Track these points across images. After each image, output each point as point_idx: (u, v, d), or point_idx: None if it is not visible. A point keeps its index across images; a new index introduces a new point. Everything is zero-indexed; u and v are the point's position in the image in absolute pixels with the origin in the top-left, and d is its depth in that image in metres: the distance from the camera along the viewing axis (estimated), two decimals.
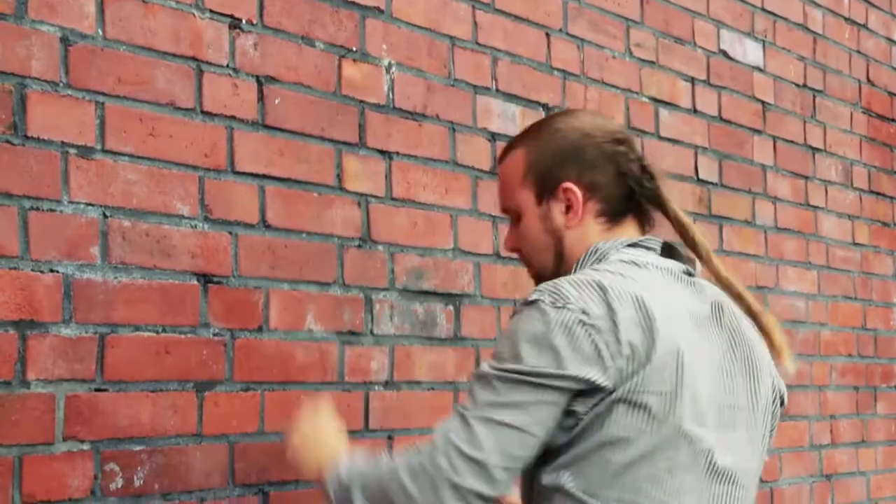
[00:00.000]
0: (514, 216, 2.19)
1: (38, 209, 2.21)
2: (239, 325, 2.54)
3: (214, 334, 2.49)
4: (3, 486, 2.12)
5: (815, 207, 4.42)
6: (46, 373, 2.20)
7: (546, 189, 2.13)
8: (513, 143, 2.22)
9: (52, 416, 2.21)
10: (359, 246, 2.81)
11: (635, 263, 2.05)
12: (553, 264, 2.15)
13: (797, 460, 4.19)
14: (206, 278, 2.48)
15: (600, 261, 2.08)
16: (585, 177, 2.12)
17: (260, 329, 2.58)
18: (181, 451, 2.41)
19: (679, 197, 2.27)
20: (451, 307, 3.01)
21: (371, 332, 2.81)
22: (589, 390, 1.90)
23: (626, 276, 2.00)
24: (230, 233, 2.54)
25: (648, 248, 2.11)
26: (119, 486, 2.30)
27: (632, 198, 2.14)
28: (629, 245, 2.10)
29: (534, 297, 1.97)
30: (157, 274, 2.40)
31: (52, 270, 2.23)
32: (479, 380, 1.95)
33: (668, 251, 2.13)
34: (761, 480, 3.95)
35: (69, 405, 2.23)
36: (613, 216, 2.13)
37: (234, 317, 2.53)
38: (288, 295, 2.64)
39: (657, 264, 2.08)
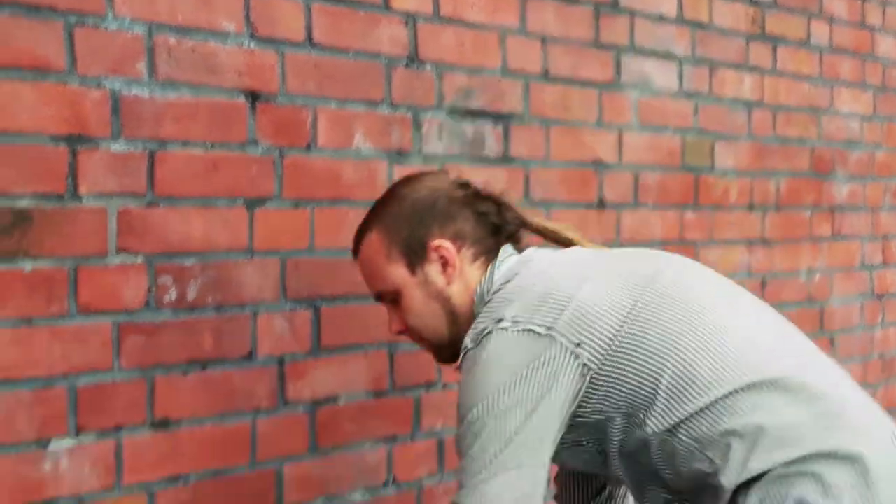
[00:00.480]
0: (391, 297, 2.17)
1: (83, 24, 2.22)
2: (287, 143, 2.55)
3: (263, 152, 2.50)
4: (59, 296, 2.17)
5: (872, 28, 4.33)
6: (98, 187, 2.23)
7: (415, 255, 2.13)
8: (361, 228, 2.20)
9: (104, 230, 2.24)
10: (406, 65, 2.80)
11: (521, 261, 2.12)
12: (448, 329, 2.15)
13: (848, 280, 4.19)
14: (253, 96, 2.49)
15: (493, 292, 2.10)
16: (448, 229, 2.13)
17: (308, 147, 2.59)
18: (233, 265, 2.45)
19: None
20: (499, 127, 3.00)
21: (419, 152, 2.81)
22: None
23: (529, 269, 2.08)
24: (276, 51, 2.54)
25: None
26: (173, 298, 2.34)
27: (498, 232, 2.16)
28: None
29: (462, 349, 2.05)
30: (205, 91, 2.41)
31: (99, 86, 2.24)
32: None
33: None
34: (811, 300, 3.97)
35: (121, 219, 2.27)
36: (488, 254, 2.15)
37: (282, 135, 2.55)
38: (335, 113, 2.64)
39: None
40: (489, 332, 1.98)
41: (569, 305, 1.97)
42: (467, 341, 2.02)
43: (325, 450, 2.60)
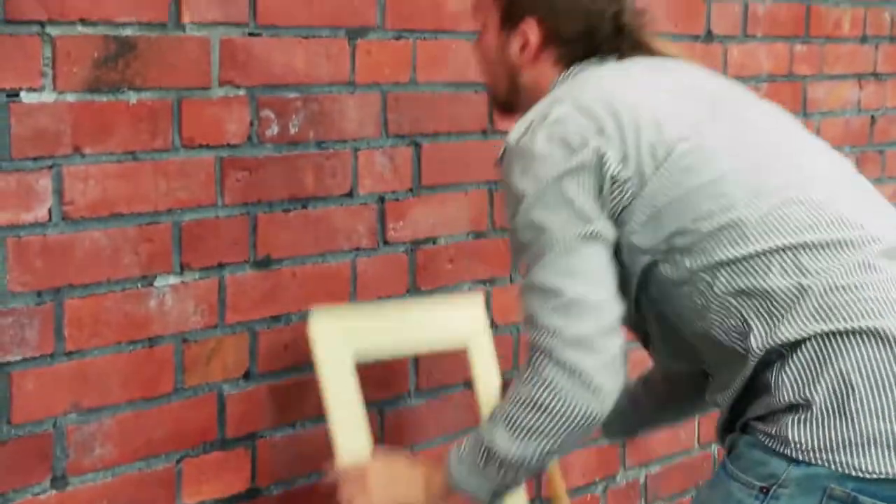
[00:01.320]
0: (481, 26, 2.08)
1: None
2: None
3: None
4: (164, 129, 2.09)
5: None
6: (200, 15, 2.13)
7: (509, 18, 2.02)
8: None
9: (207, 61, 2.15)
10: None
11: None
12: (506, 92, 2.08)
13: None
14: None
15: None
16: (549, 21, 1.99)
17: None
18: (334, 99, 2.35)
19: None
20: None
21: None
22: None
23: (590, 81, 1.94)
24: None
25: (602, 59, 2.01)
26: (275, 132, 2.26)
27: (596, 52, 2.00)
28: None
29: (501, 149, 1.91)
30: None
31: None
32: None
33: None
34: None
35: (224, 49, 2.17)
36: (573, 62, 2.00)
37: None
38: None
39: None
40: (527, 132, 1.87)
41: (620, 115, 1.83)
42: (509, 138, 1.90)
43: (424, 292, 2.54)
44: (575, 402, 1.79)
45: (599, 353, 1.78)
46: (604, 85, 1.91)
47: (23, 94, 1.91)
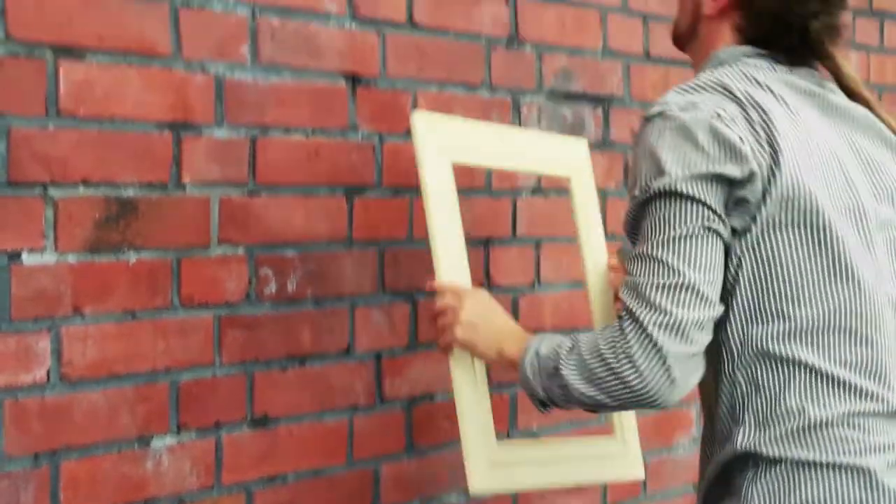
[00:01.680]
0: None
1: (188, 6, 2.13)
2: (387, 129, 2.46)
3: (363, 138, 2.41)
4: (163, 287, 2.09)
5: None
6: (201, 175, 2.15)
7: None
8: None
9: (207, 220, 2.16)
10: (506, 46, 2.70)
11: (756, 80, 1.92)
12: (685, 28, 2.08)
13: None
14: (354, 79, 2.40)
15: (718, 67, 1.97)
16: None
17: (408, 133, 2.49)
18: (332, 256, 2.36)
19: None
20: (599, 110, 2.90)
21: None
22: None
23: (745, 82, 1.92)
24: (378, 32, 2.44)
25: (775, 60, 1.98)
26: (273, 290, 2.26)
27: (775, 42, 1.99)
28: (753, 57, 1.98)
29: (656, 109, 1.86)
30: (307, 74, 2.32)
31: (203, 70, 2.16)
32: (635, 222, 1.87)
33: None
34: None
35: (223, 208, 2.19)
36: (752, 39, 1.99)
37: (383, 119, 2.46)
38: (435, 97, 2.55)
39: (780, 79, 1.95)
40: (692, 109, 1.84)
41: (781, 161, 1.82)
42: (668, 100, 1.87)
43: (422, 449, 2.52)
44: (650, 384, 1.77)
45: (690, 345, 1.77)
46: (778, 120, 1.86)
47: (24, 255, 1.91)
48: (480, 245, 2.63)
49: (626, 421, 2.39)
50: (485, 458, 2.07)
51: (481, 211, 2.63)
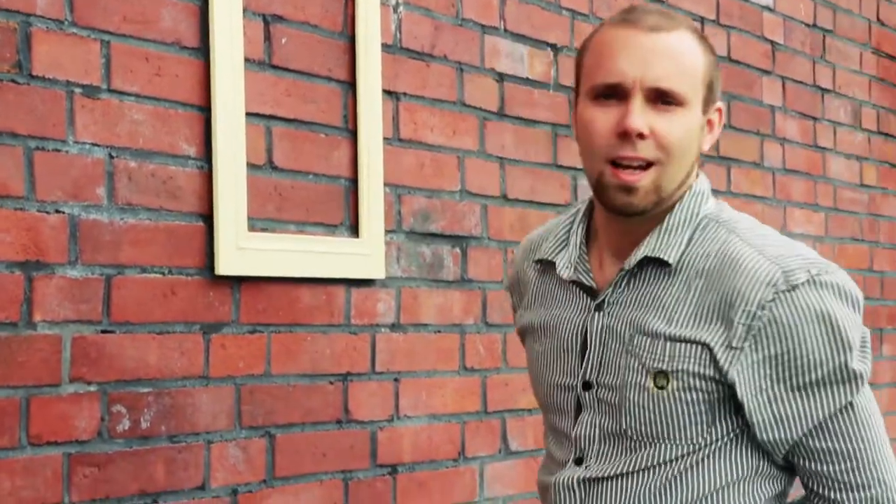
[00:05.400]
0: (673, 100, 1.77)
1: (43, 149, 2.19)
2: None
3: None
4: (10, 426, 2.11)
5: (824, 149, 4.39)
6: (52, 314, 2.19)
7: (709, 102, 1.84)
8: (672, 18, 1.84)
9: (58, 358, 2.19)
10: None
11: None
12: (678, 182, 1.82)
13: None
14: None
15: (708, 207, 1.87)
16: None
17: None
18: (188, 393, 2.40)
19: None
20: (457, 249, 2.99)
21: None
22: None
23: None
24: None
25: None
26: (126, 427, 2.29)
27: None
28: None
29: (837, 280, 1.78)
30: (164, 215, 2.38)
31: (57, 211, 2.21)
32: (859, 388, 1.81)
33: None
34: None
35: (75, 347, 2.22)
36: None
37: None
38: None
39: None
40: (845, 282, 1.79)
41: None
42: (793, 279, 1.74)
43: None
44: None
45: None
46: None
47: None
48: (339, 380, 2.68)
49: None
50: None
51: (340, 347, 2.69)
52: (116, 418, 2.27)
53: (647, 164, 1.77)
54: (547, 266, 1.98)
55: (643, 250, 1.83)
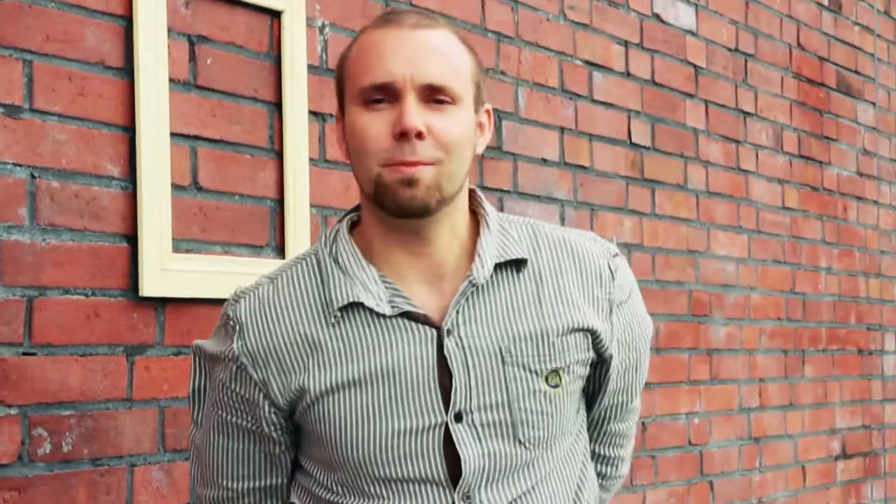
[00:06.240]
0: (444, 97, 1.74)
1: None
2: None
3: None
4: None
5: (746, 171, 4.44)
6: None
7: (478, 101, 1.82)
8: (430, 17, 1.81)
9: None
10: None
11: None
12: (460, 183, 1.78)
13: (726, 423, 4.23)
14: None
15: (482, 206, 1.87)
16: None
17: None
18: (111, 415, 2.37)
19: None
20: None
21: None
22: None
23: None
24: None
25: None
26: (47, 451, 2.26)
27: None
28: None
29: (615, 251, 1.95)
30: (87, 236, 2.35)
31: None
32: None
33: None
34: (691, 444, 3.99)
35: None
36: None
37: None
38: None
39: None
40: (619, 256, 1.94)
41: None
42: (611, 250, 1.92)
43: None
44: None
45: None
46: None
47: None
48: None
49: None
50: None
51: None
52: (38, 441, 2.25)
53: (426, 164, 1.72)
54: (347, 311, 1.78)
55: (487, 257, 1.79)
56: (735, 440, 4.28)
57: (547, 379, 1.79)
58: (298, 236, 2.74)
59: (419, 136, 1.70)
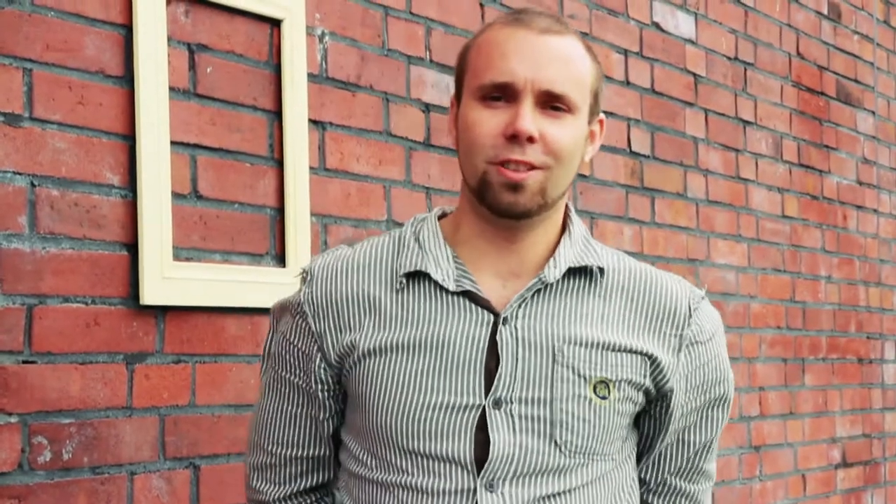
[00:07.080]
0: (560, 106, 1.76)
1: None
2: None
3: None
4: None
5: (746, 180, 4.45)
6: None
7: (594, 112, 1.84)
8: (574, 35, 1.83)
9: None
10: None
11: None
12: (563, 190, 1.81)
13: (726, 432, 4.22)
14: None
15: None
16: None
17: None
18: (111, 423, 2.37)
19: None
20: None
21: None
22: None
23: None
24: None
25: None
26: (47, 459, 2.26)
27: None
28: None
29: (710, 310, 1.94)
30: (87, 244, 2.36)
31: None
32: None
33: None
34: None
35: None
36: None
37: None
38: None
39: None
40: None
41: None
42: (698, 293, 1.90)
43: None
44: None
45: None
46: None
47: None
48: None
49: None
50: None
51: None
52: (38, 450, 2.25)
53: (533, 168, 1.74)
54: (413, 281, 1.81)
55: (561, 260, 1.81)
56: (735, 448, 4.28)
57: (595, 388, 1.78)
58: (298, 245, 2.74)
59: (530, 139, 1.73)
